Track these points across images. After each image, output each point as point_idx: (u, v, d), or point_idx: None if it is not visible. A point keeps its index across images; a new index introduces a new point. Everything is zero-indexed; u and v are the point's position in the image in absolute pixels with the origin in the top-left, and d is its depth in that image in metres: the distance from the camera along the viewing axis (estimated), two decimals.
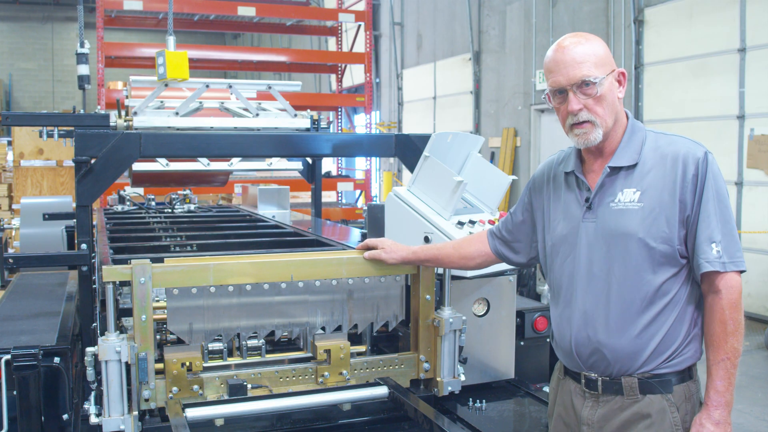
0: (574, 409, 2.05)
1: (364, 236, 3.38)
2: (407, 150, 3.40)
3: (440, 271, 2.55)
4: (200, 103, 4.05)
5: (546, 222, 2.14)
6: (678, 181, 1.90)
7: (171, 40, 4.09)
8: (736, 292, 1.86)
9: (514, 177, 3.12)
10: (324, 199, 5.94)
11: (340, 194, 13.28)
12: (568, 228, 2.05)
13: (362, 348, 2.68)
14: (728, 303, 1.85)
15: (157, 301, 2.45)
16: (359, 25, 14.23)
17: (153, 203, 5.23)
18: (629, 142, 1.99)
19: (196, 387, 2.31)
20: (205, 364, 2.39)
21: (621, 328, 1.93)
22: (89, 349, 2.15)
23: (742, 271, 1.88)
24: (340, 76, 14.99)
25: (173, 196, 5.25)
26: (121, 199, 5.32)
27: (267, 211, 5.11)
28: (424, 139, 3.17)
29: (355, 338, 2.61)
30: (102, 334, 2.16)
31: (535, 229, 2.21)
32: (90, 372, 2.17)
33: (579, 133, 1.97)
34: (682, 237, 1.91)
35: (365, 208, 3.40)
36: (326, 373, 2.45)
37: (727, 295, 1.85)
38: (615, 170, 1.98)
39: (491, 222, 2.79)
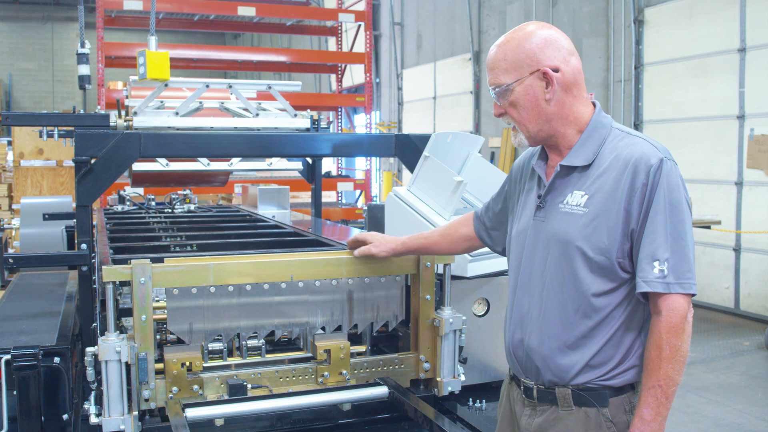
0: (515, 416, 2.00)
1: None
2: (407, 150, 3.40)
3: (440, 270, 2.55)
4: (200, 103, 4.05)
5: (513, 215, 2.07)
6: (626, 189, 1.74)
7: (152, 40, 4.10)
8: (677, 316, 1.69)
9: None
10: (324, 199, 5.94)
11: (340, 194, 13.29)
12: (523, 225, 1.97)
13: (362, 348, 2.68)
14: (667, 326, 1.70)
15: (157, 301, 2.45)
16: (359, 25, 14.24)
17: (153, 203, 5.23)
18: (587, 140, 1.85)
19: (196, 387, 2.30)
20: (205, 364, 2.39)
21: (551, 336, 1.85)
22: (89, 349, 2.15)
23: (692, 295, 1.72)
24: (340, 76, 15.00)
25: (173, 196, 5.25)
26: (121, 199, 5.32)
27: (267, 211, 5.11)
28: (424, 139, 3.18)
29: (355, 338, 2.60)
30: (102, 334, 2.16)
31: (507, 217, 2.14)
32: (90, 372, 2.16)
33: (513, 136, 1.95)
34: (626, 250, 1.77)
35: (365, 208, 3.40)
36: (326, 373, 2.45)
37: (667, 317, 1.70)
38: (568, 170, 1.86)
39: None
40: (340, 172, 14.62)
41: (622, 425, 1.83)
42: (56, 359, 2.50)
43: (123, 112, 3.86)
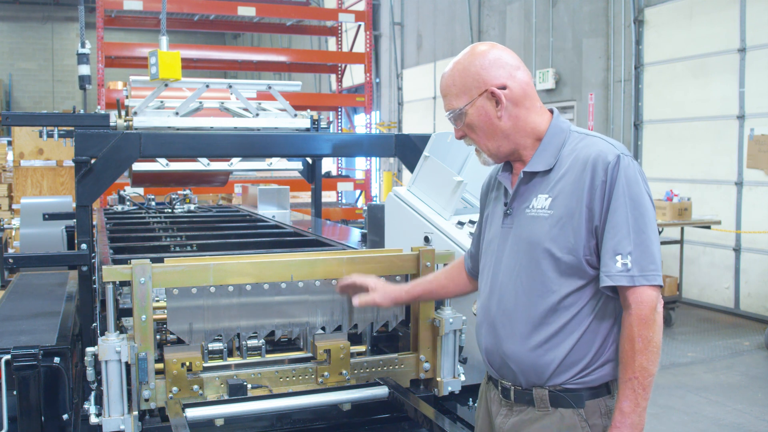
0: (491, 415, 2.03)
1: (364, 236, 3.38)
2: (407, 150, 3.41)
3: None
4: (200, 103, 4.06)
5: (484, 229, 2.10)
6: (586, 188, 1.79)
7: (164, 39, 4.10)
8: (646, 308, 1.73)
9: None
10: (324, 199, 5.95)
11: (340, 194, 13.30)
12: (493, 233, 2.01)
13: (362, 348, 2.68)
14: (637, 319, 1.73)
15: (157, 301, 2.45)
16: (359, 25, 14.24)
17: (153, 203, 5.24)
18: (546, 146, 1.90)
19: (196, 387, 2.30)
20: (205, 364, 2.38)
21: (524, 338, 1.87)
22: (89, 349, 2.15)
23: (659, 286, 1.75)
24: (340, 76, 15.00)
25: (173, 196, 5.26)
26: (121, 199, 5.33)
27: (267, 211, 5.12)
28: (424, 139, 3.18)
29: (355, 338, 2.60)
30: (102, 334, 2.16)
31: None
32: (90, 372, 2.16)
33: (478, 156, 2.01)
34: (592, 247, 1.80)
35: (365, 208, 3.40)
36: (326, 373, 2.45)
37: (636, 310, 1.73)
38: (531, 175, 1.91)
39: None
40: (340, 172, 14.64)
41: (597, 428, 1.84)
42: (56, 359, 2.50)
43: (123, 112, 3.86)
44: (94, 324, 2.64)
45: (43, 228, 4.96)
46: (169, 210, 5.13)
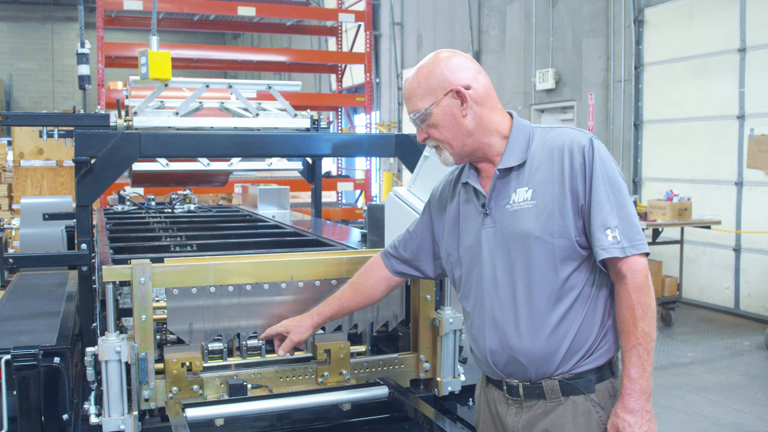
0: (499, 416, 2.03)
1: (364, 236, 3.38)
2: (407, 150, 3.40)
3: None
4: (200, 103, 4.05)
5: (450, 235, 2.11)
6: (566, 172, 1.87)
7: (154, 39, 4.09)
8: (641, 276, 1.81)
9: None
10: (324, 199, 5.95)
11: (340, 194, 13.30)
12: (471, 238, 2.02)
13: (362, 348, 2.68)
14: (634, 287, 1.81)
15: (157, 301, 2.45)
16: (359, 25, 14.24)
17: (153, 203, 5.23)
18: (515, 142, 1.96)
19: (196, 387, 2.31)
20: (205, 364, 2.39)
21: (531, 330, 1.89)
22: (89, 349, 2.15)
23: (647, 254, 1.84)
24: (340, 76, 15.00)
25: (173, 196, 5.26)
26: (121, 199, 5.32)
27: (267, 211, 5.12)
28: None
29: (355, 338, 2.61)
30: (102, 334, 2.16)
31: (436, 246, 2.19)
32: (90, 372, 2.17)
33: (438, 155, 2.04)
34: (580, 227, 1.87)
35: (365, 208, 3.40)
36: (326, 373, 2.45)
37: (632, 279, 1.81)
38: (505, 172, 1.96)
39: None
40: (340, 172, 14.63)
41: (608, 410, 1.89)
42: (56, 359, 2.50)
43: (123, 112, 3.86)
44: (94, 324, 2.64)
45: (43, 228, 4.95)
46: (169, 210, 5.13)
